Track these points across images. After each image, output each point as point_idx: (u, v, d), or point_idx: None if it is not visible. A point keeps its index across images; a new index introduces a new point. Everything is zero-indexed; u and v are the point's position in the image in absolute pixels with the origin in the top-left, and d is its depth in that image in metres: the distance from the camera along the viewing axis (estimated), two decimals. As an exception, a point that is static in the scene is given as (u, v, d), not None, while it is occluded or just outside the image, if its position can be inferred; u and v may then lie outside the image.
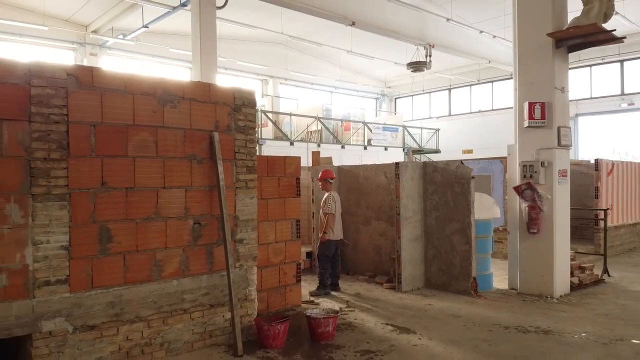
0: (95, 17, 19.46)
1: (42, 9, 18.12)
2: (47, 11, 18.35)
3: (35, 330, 4.32)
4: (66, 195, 4.48)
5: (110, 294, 4.73)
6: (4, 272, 4.18)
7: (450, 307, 6.91)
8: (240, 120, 5.74)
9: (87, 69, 4.66)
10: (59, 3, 18.45)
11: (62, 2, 18.29)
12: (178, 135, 5.22)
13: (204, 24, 14.05)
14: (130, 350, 4.85)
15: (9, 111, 4.21)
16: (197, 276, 5.33)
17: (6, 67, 4.21)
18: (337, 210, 7.87)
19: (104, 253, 4.71)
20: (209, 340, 5.41)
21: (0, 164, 4.17)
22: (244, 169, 5.78)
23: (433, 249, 7.92)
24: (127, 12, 18.44)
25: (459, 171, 7.58)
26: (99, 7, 18.73)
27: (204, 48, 14.01)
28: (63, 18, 19.63)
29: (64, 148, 4.48)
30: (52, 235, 4.40)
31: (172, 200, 5.18)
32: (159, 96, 5.08)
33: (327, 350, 5.22)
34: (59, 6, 18.68)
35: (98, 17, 19.48)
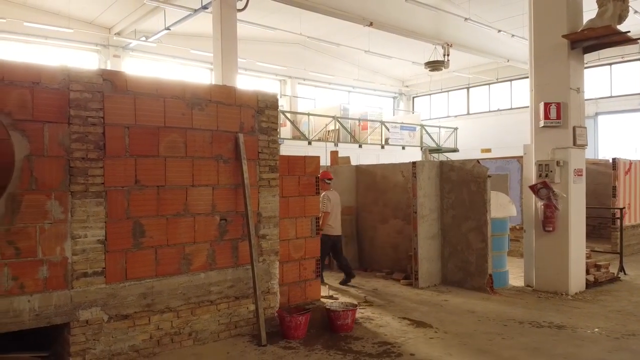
0: (119, 19, 19.95)
1: (67, 12, 18.68)
2: (71, 14, 18.90)
3: (73, 319, 4.64)
4: (102, 193, 4.80)
5: (142, 286, 5.03)
6: (46, 264, 4.51)
7: (466, 303, 7.09)
8: (264, 122, 6.01)
9: (121, 74, 4.97)
10: (83, 6, 18.97)
11: (86, 5, 18.80)
12: (206, 136, 5.51)
13: (225, 26, 14.36)
14: (160, 339, 5.16)
15: (50, 114, 4.53)
16: (223, 269, 5.62)
17: (48, 74, 4.54)
18: (335, 208, 8.24)
19: (137, 247, 5.01)
20: (233, 330, 5.69)
21: (42, 163, 4.49)
22: (267, 168, 6.05)
23: (449, 246, 8.10)
24: (149, 15, 18.87)
25: (475, 170, 7.75)
26: (122, 10, 19.21)
27: (225, 50, 14.32)
28: (87, 21, 20.17)
29: (101, 148, 4.79)
30: (89, 230, 4.72)
31: (200, 197, 5.47)
32: (188, 99, 5.37)
33: (346, 341, 5.47)
34: (83, 9, 19.20)
35: (121, 20, 19.97)
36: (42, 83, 4.50)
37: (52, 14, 19.06)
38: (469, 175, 7.81)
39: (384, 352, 5.14)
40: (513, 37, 20.93)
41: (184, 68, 22.78)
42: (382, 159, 20.45)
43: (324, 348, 5.27)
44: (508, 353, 5.17)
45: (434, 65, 20.08)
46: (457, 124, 27.84)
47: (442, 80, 28.84)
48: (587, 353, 5.17)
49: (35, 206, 4.45)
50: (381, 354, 5.11)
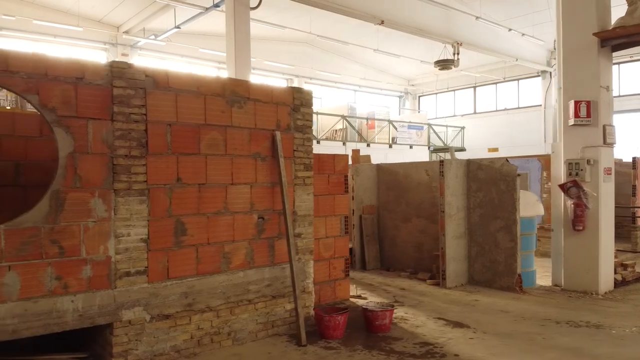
0: (127, 18, 19.87)
1: (76, 10, 18.60)
2: (81, 12, 18.82)
3: (116, 319, 4.57)
4: (145, 191, 4.73)
5: (184, 285, 4.96)
6: (89, 263, 4.43)
7: (497, 303, 7.03)
8: (299, 120, 5.94)
9: (162, 71, 4.89)
10: (93, 4, 18.90)
11: (96, 3, 18.73)
12: (244, 134, 5.44)
13: (239, 25, 14.26)
14: (201, 339, 5.09)
15: (94, 111, 4.46)
16: (260, 268, 5.55)
17: (92, 69, 4.46)
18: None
19: (178, 245, 4.94)
20: (270, 330, 5.63)
21: (86, 161, 4.42)
22: (302, 166, 5.98)
23: (476, 246, 8.04)
24: (158, 13, 18.81)
25: (504, 169, 7.69)
26: (131, 8, 19.14)
27: (238, 48, 14.21)
28: (95, 19, 20.09)
29: (143, 146, 4.72)
30: (132, 228, 4.65)
31: (239, 195, 5.40)
32: (227, 97, 5.31)
33: (386, 342, 5.40)
34: (93, 7, 19.13)
35: (130, 18, 19.89)
36: (86, 79, 4.43)
37: (62, 12, 18.98)
38: (498, 174, 7.74)
39: (427, 353, 5.07)
40: (523, 36, 20.90)
41: (192, 67, 22.68)
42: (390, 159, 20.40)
43: (365, 348, 5.20)
44: (551, 353, 5.11)
45: (444, 64, 20.06)
46: (464, 123, 27.83)
47: (449, 79, 28.82)
48: (630, 352, 5.11)
49: (79, 204, 4.38)
50: (425, 354, 5.04)
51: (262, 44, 22.62)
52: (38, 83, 4.19)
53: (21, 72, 4.12)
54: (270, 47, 23.65)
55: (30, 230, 4.15)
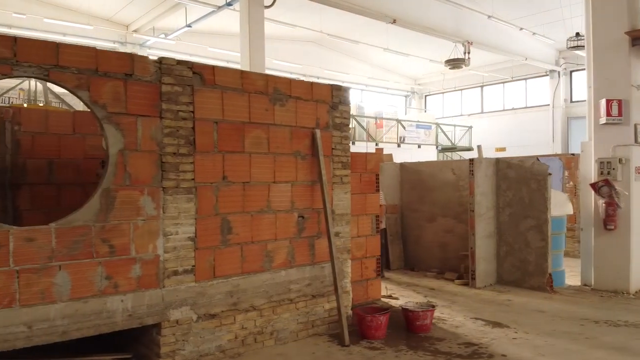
0: (137, 16, 19.79)
1: (86, 9, 18.54)
2: (91, 11, 18.75)
3: (164, 319, 4.52)
4: (193, 189, 4.67)
5: (229, 283, 4.91)
6: (139, 262, 4.38)
7: (530, 303, 6.99)
8: (337, 118, 5.88)
9: (209, 67, 4.84)
10: (102, 3, 18.82)
11: (105, 2, 18.65)
12: (286, 132, 5.39)
13: (253, 24, 14.20)
14: (245, 339, 5.03)
15: (143, 108, 4.40)
16: (301, 267, 5.50)
17: (141, 65, 4.41)
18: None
19: (224, 244, 4.89)
20: (311, 330, 5.57)
21: (135, 158, 4.36)
22: (340, 164, 5.93)
23: (506, 245, 7.99)
24: (169, 12, 18.72)
25: (535, 168, 7.64)
26: (141, 7, 19.05)
27: (252, 48, 14.14)
28: (105, 17, 20.01)
29: (191, 144, 4.66)
30: (180, 226, 4.59)
31: (281, 194, 5.35)
32: (270, 94, 5.25)
33: (429, 342, 5.35)
34: (103, 6, 19.05)
35: (140, 17, 19.80)
36: (135, 75, 4.37)
37: (71, 10, 18.91)
38: (529, 173, 7.70)
39: (474, 353, 5.02)
40: (534, 36, 20.86)
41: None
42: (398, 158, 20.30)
43: (410, 349, 5.14)
44: (598, 353, 5.06)
45: (455, 63, 19.99)
46: (471, 123, 27.74)
47: (456, 78, 28.74)
48: (677, 352, 5.07)
49: (128, 202, 4.32)
50: (471, 355, 4.99)
51: (269, 43, 22.41)
52: (89, 79, 4.13)
53: (72, 68, 4.06)
54: (278, 46, 23.55)
55: (81, 229, 4.09)
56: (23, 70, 3.86)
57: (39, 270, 3.90)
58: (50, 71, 3.96)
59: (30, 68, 3.89)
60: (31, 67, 3.89)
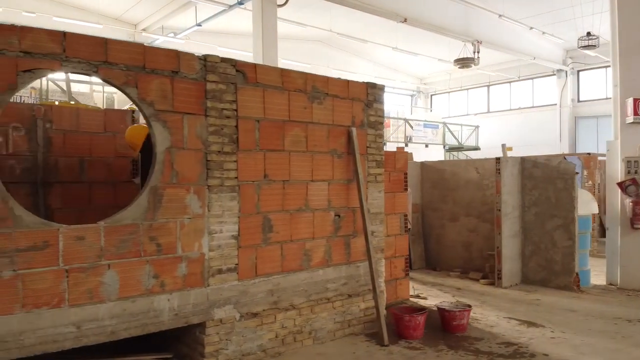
0: (147, 15, 19.74)
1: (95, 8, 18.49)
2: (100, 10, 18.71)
3: (209, 318, 4.48)
4: (236, 187, 4.64)
5: (270, 282, 4.88)
6: (185, 261, 4.34)
7: (560, 302, 6.96)
8: (372, 116, 5.85)
9: (252, 65, 4.80)
10: (111, 2, 18.76)
11: (114, 0, 18.59)
12: (323, 130, 5.36)
13: (266, 22, 14.15)
14: (284, 338, 5.01)
15: (189, 105, 4.37)
16: (337, 266, 5.47)
17: (186, 62, 4.37)
18: None
19: (265, 242, 4.86)
20: (347, 329, 5.54)
21: (182, 156, 4.33)
22: (374, 163, 5.89)
23: (531, 244, 7.96)
24: (179, 11, 18.69)
25: (561, 166, 7.62)
26: (151, 6, 19.00)
27: (266, 47, 14.09)
28: (113, 16, 19.95)
29: (234, 142, 4.63)
30: (224, 225, 4.56)
31: (318, 192, 5.32)
32: (309, 92, 5.22)
33: (468, 342, 5.32)
34: (111, 5, 18.99)
35: (149, 16, 19.75)
36: (181, 72, 4.34)
37: (80, 9, 18.86)
38: (555, 172, 7.67)
39: (516, 353, 5.00)
40: (543, 35, 20.83)
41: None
42: (407, 157, 20.22)
43: (450, 349, 5.12)
44: (638, 352, 5.04)
45: (464, 62, 19.95)
46: (477, 122, 27.70)
47: (462, 77, 28.71)
48: None
49: (175, 200, 4.29)
50: (513, 354, 4.96)
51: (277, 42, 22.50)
52: (137, 76, 4.10)
53: (120, 64, 4.02)
54: (285, 45, 23.46)
55: (130, 227, 4.06)
56: (72, 66, 3.83)
57: (87, 269, 3.87)
58: (100, 67, 3.93)
59: (80, 64, 3.85)
60: (80, 63, 3.85)
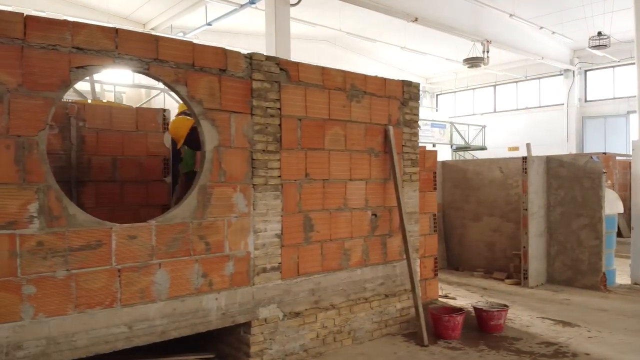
0: (156, 14, 19.67)
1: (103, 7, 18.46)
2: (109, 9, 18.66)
3: (254, 317, 4.46)
4: (279, 186, 4.62)
5: (311, 281, 4.85)
6: (232, 260, 4.32)
7: (589, 302, 6.95)
8: (407, 114, 5.83)
9: (294, 64, 4.78)
10: (120, 1, 18.73)
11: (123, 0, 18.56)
12: (361, 129, 5.33)
13: (279, 22, 14.10)
14: (325, 338, 4.98)
15: (235, 104, 4.35)
16: (375, 266, 5.44)
17: (233, 60, 4.35)
18: None
19: (307, 241, 4.83)
20: (384, 329, 5.52)
21: (229, 155, 4.30)
22: (409, 162, 5.87)
23: (557, 244, 7.94)
24: (188, 10, 18.63)
25: (588, 166, 7.60)
26: (160, 5, 18.95)
27: (279, 46, 14.03)
28: (122, 16, 19.90)
29: (278, 141, 4.61)
30: (268, 223, 4.54)
31: (356, 192, 5.29)
32: (348, 91, 5.20)
33: (507, 342, 5.30)
34: (120, 4, 18.95)
35: (158, 15, 19.69)
36: (229, 70, 4.31)
37: (89, 8, 18.83)
38: (582, 171, 7.65)
39: (557, 352, 4.98)
40: (553, 35, 20.83)
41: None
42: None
43: (491, 349, 5.09)
44: (678, 352, 5.03)
45: (473, 62, 19.97)
46: (484, 122, 27.70)
47: (468, 77, 28.69)
48: None
49: (223, 199, 4.26)
50: (555, 354, 4.94)
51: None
52: (186, 73, 4.07)
53: (170, 62, 4.00)
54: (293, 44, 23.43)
55: (180, 226, 4.04)
56: (124, 63, 3.80)
57: (139, 269, 3.84)
58: (151, 65, 3.90)
59: (132, 61, 3.82)
60: (132, 60, 3.82)
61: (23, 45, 3.42)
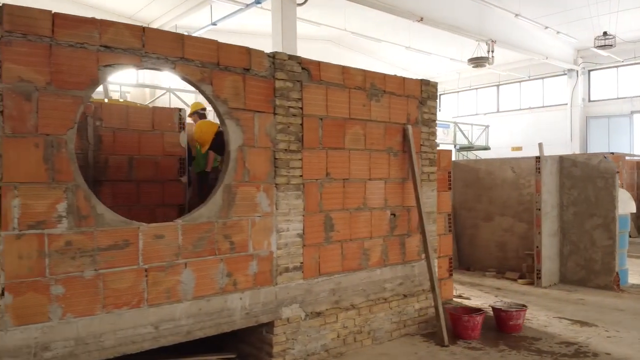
0: (160, 14, 19.62)
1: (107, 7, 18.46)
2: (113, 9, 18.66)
3: (277, 317, 4.45)
4: (301, 185, 4.61)
5: (332, 281, 4.84)
6: (255, 259, 4.31)
7: (604, 301, 6.94)
8: (425, 113, 5.83)
9: (316, 63, 4.76)
10: (125, 1, 18.72)
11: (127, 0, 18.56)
12: (380, 128, 5.32)
13: (285, 22, 14.09)
14: (345, 338, 4.97)
15: (259, 103, 4.34)
16: (394, 266, 5.43)
17: (257, 60, 4.34)
18: None
19: (327, 241, 4.82)
20: (402, 329, 5.51)
21: (253, 154, 4.29)
22: (427, 161, 5.86)
23: (570, 244, 7.94)
24: (192, 10, 18.60)
25: (601, 166, 7.59)
26: (164, 5, 18.93)
27: (285, 46, 14.00)
28: (126, 16, 19.86)
29: (299, 140, 4.60)
30: (290, 223, 4.53)
31: (375, 191, 5.28)
32: (368, 90, 5.18)
33: (526, 342, 5.29)
34: (125, 4, 18.94)
35: (163, 15, 19.63)
36: (252, 70, 4.30)
37: (94, 7, 18.80)
38: (595, 171, 7.65)
39: (578, 352, 4.97)
40: (557, 34, 20.82)
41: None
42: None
43: (511, 349, 5.08)
44: (698, 352, 5.02)
45: (478, 62, 19.94)
46: (487, 122, 27.68)
47: (471, 77, 28.66)
48: None
49: (247, 199, 4.25)
50: (576, 354, 4.93)
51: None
52: (211, 73, 4.06)
53: (196, 61, 3.98)
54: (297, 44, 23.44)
55: (205, 225, 4.02)
56: (151, 62, 3.79)
57: (166, 268, 3.83)
58: (177, 64, 3.89)
59: (159, 60, 3.81)
60: (159, 59, 3.81)
61: (51, 43, 3.41)
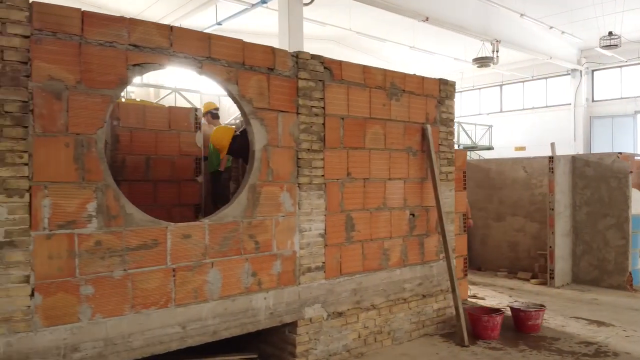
0: (166, 14, 19.61)
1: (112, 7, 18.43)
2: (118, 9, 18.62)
3: (300, 317, 4.44)
4: (322, 185, 4.60)
5: (353, 281, 4.84)
6: (279, 259, 4.30)
7: (618, 301, 6.94)
8: (444, 113, 5.82)
9: (337, 62, 4.76)
10: (129, 1, 18.71)
11: (134, 0, 18.55)
12: (399, 128, 5.31)
13: (292, 22, 14.08)
14: (366, 338, 4.96)
15: (282, 103, 4.33)
16: (413, 266, 5.42)
17: (281, 59, 4.33)
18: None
19: (348, 241, 4.82)
20: (421, 330, 5.50)
21: (277, 154, 4.29)
22: (445, 161, 5.85)
23: (583, 244, 7.93)
24: (198, 10, 18.59)
25: (615, 165, 7.59)
26: (169, 5, 18.93)
27: (292, 46, 13.98)
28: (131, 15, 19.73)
29: (321, 140, 4.60)
30: (313, 223, 4.52)
31: (395, 191, 5.27)
32: (388, 89, 5.18)
33: (546, 342, 5.29)
34: (129, 4, 18.94)
35: (167, 14, 19.61)
36: (276, 69, 4.29)
37: (98, 7, 18.75)
38: (608, 171, 7.65)
39: (598, 352, 4.97)
40: (562, 34, 20.82)
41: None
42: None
43: (532, 349, 5.08)
44: None
45: (483, 62, 19.93)
46: (490, 122, 27.68)
47: (474, 77, 28.64)
48: None
49: (271, 198, 4.25)
50: (596, 353, 4.94)
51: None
52: (237, 72, 4.05)
53: (222, 60, 3.98)
54: (300, 44, 23.43)
55: (231, 225, 4.02)
56: (179, 61, 3.78)
57: (193, 268, 3.82)
58: (204, 63, 3.88)
59: (186, 59, 3.80)
60: (187, 59, 3.81)
61: (81, 41, 3.40)
